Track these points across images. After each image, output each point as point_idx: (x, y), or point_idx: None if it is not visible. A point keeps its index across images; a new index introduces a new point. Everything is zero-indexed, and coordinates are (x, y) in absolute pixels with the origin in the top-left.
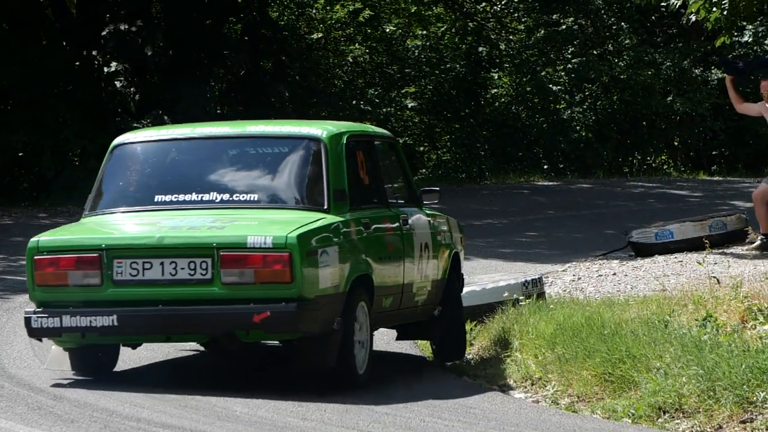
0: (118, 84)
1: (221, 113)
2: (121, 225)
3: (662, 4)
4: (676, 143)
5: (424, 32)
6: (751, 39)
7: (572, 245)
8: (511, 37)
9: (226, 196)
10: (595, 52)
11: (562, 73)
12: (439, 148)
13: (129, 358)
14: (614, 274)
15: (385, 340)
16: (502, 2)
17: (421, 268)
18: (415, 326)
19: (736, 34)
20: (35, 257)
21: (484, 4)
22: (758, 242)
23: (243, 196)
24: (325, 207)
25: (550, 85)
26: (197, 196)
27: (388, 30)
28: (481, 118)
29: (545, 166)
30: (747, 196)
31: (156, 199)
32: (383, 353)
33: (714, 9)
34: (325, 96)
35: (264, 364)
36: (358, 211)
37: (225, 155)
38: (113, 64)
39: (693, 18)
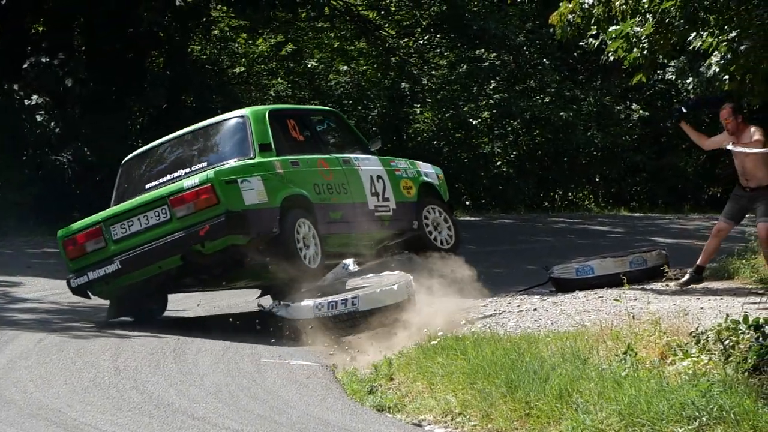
0: (39, 117)
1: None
2: (113, 207)
3: (581, 42)
4: (597, 179)
5: (347, 67)
6: (674, 76)
7: (493, 280)
8: (433, 72)
9: (188, 170)
10: (517, 88)
11: (484, 109)
12: None
13: None
14: (535, 309)
15: (305, 374)
16: (425, 37)
17: (376, 192)
18: (403, 241)
19: (658, 72)
20: (62, 241)
21: (406, 39)
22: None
23: (196, 166)
24: (251, 156)
25: (472, 120)
26: (169, 177)
27: (310, 65)
28: (403, 153)
29: (467, 201)
30: (667, 232)
31: (145, 188)
32: (297, 384)
33: (634, 50)
34: None
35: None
36: (286, 156)
37: (184, 145)
38: (34, 96)
39: (612, 57)
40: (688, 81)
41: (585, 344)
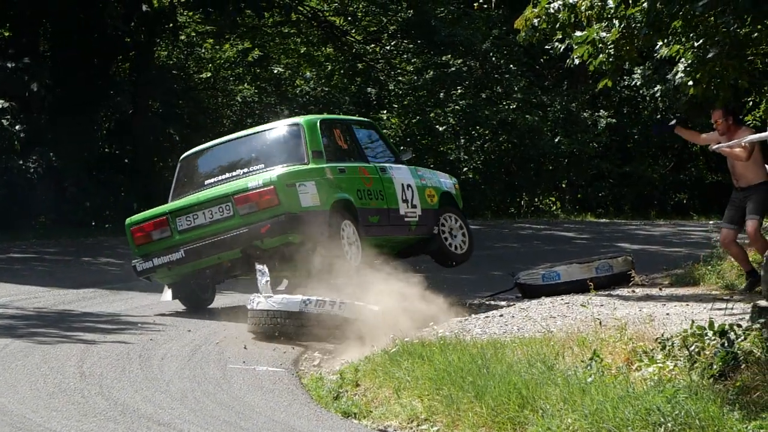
0: (4, 122)
1: (109, 152)
2: (180, 200)
3: (547, 47)
4: (563, 185)
5: (314, 72)
6: (640, 83)
7: (460, 286)
8: (400, 78)
9: (244, 170)
10: (483, 94)
11: (451, 115)
12: None
13: None
14: (501, 315)
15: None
16: (392, 43)
17: (406, 199)
18: (418, 245)
19: (625, 78)
20: (131, 228)
21: (373, 45)
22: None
23: (254, 167)
24: (306, 162)
25: (438, 127)
26: (228, 175)
27: (276, 71)
28: None
29: None
30: (633, 238)
31: (205, 184)
32: (263, 390)
33: (599, 54)
34: (213, 135)
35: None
36: (334, 163)
37: (243, 148)
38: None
39: (577, 62)
40: (655, 89)
41: (551, 350)
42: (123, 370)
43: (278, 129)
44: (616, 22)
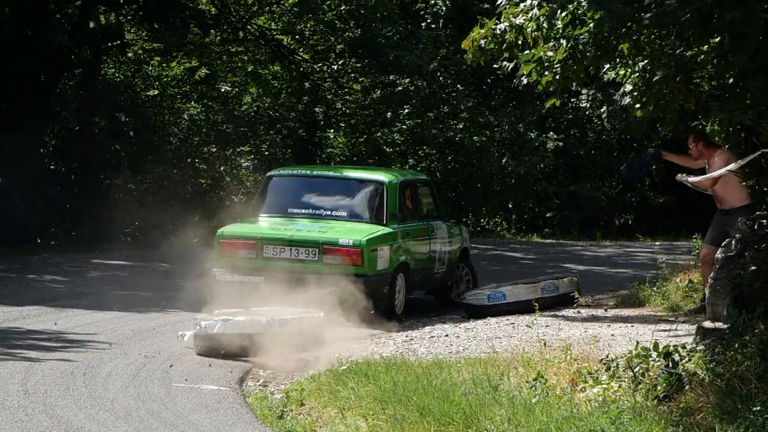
0: None
1: (55, 169)
2: (268, 225)
3: (495, 66)
4: (510, 205)
5: (261, 91)
6: (588, 104)
7: (406, 306)
8: (347, 97)
9: (327, 212)
10: (430, 113)
11: (397, 134)
12: None
13: None
14: (446, 335)
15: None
16: (339, 62)
17: (441, 257)
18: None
19: (572, 100)
20: (220, 240)
21: (320, 63)
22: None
23: (337, 212)
24: (384, 222)
25: (386, 148)
26: (312, 211)
27: (223, 89)
28: None
29: None
30: (580, 259)
31: (288, 211)
32: (208, 408)
33: (546, 72)
34: (160, 153)
35: None
36: (403, 225)
37: (329, 187)
38: None
39: (525, 81)
40: (602, 110)
41: (496, 370)
42: (67, 388)
43: (364, 183)
44: (564, 41)
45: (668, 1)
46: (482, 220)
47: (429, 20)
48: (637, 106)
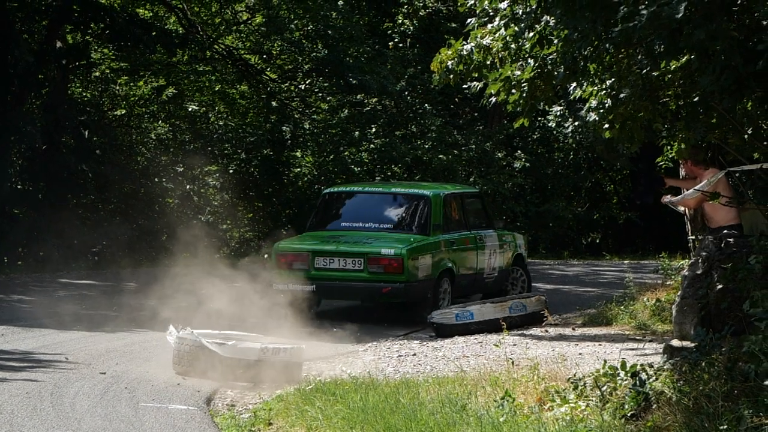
0: None
1: (22, 188)
2: (320, 239)
3: (464, 86)
4: None
5: (228, 111)
6: (554, 124)
7: (373, 325)
8: (314, 116)
9: (376, 225)
10: (398, 132)
11: (365, 153)
12: (242, 227)
13: None
14: (414, 354)
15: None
16: (307, 81)
17: (490, 263)
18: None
19: (540, 119)
20: (276, 253)
21: (288, 83)
22: None
23: (384, 225)
24: (428, 233)
25: (354, 168)
26: (361, 224)
27: (191, 108)
28: (284, 197)
29: None
30: (547, 278)
31: (341, 225)
32: (176, 428)
33: (513, 91)
34: (127, 172)
35: None
36: (447, 234)
37: (379, 202)
38: None
39: (493, 100)
40: (567, 125)
41: (464, 389)
42: (34, 408)
43: (410, 198)
44: (531, 60)
45: (637, 16)
46: None
47: (396, 39)
48: (606, 126)
